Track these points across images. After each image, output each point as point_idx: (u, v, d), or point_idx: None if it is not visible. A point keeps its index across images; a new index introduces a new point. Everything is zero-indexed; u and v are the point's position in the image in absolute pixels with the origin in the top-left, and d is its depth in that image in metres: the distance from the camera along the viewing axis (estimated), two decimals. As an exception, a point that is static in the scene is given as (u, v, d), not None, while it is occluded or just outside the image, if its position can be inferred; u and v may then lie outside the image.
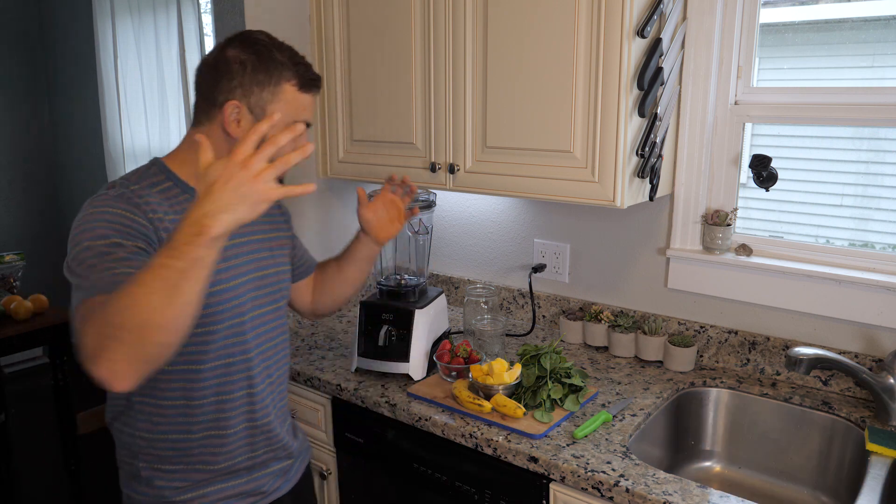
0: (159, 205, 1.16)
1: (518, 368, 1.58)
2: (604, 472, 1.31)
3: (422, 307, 1.75)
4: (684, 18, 1.70)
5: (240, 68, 1.18)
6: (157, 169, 1.22)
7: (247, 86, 1.18)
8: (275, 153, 0.95)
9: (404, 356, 1.72)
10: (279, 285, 1.37)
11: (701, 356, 1.84)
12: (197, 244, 0.92)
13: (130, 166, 3.55)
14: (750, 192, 1.78)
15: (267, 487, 1.35)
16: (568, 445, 1.41)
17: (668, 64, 1.62)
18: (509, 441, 1.44)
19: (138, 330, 0.92)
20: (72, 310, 1.06)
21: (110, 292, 0.95)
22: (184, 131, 3.13)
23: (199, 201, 0.93)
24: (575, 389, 1.58)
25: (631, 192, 1.60)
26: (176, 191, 1.21)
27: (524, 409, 1.50)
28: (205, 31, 2.95)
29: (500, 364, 1.57)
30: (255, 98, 1.18)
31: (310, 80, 1.23)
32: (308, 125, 1.23)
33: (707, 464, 1.71)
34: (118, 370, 0.93)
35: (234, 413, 1.28)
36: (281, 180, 1.02)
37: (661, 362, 1.83)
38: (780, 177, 1.67)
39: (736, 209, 1.76)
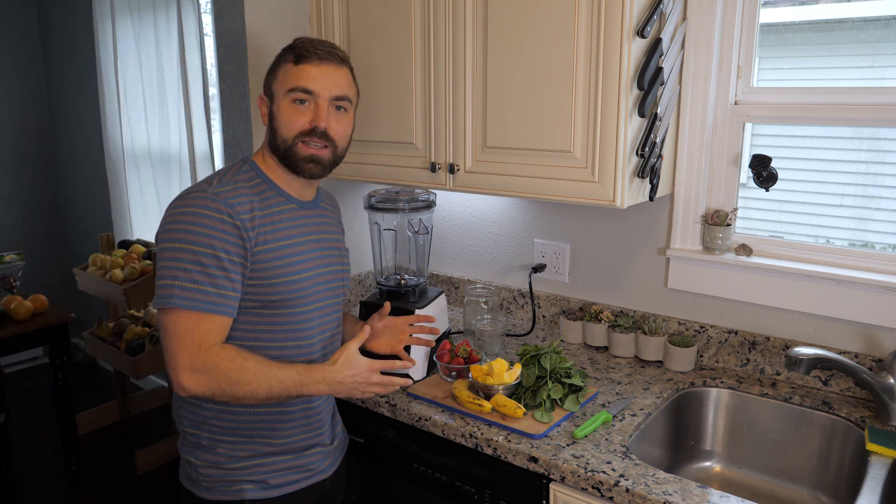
0: (249, 202, 1.29)
1: (518, 368, 1.58)
2: (604, 472, 1.31)
3: (422, 307, 1.75)
4: (684, 18, 1.70)
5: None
6: (248, 167, 1.37)
7: (265, 78, 1.39)
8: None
9: (404, 356, 1.72)
10: (342, 282, 1.49)
11: (701, 356, 1.84)
12: (314, 392, 1.27)
13: (130, 167, 3.55)
14: (750, 192, 1.78)
15: (316, 465, 1.43)
16: (568, 445, 1.41)
17: (668, 64, 1.62)
18: (509, 441, 1.44)
19: (236, 396, 1.23)
20: (160, 300, 1.22)
21: (203, 311, 1.22)
22: (183, 131, 3.13)
23: (339, 371, 1.28)
24: (575, 389, 1.58)
25: (631, 192, 1.60)
26: (264, 186, 1.35)
27: (524, 409, 1.50)
28: (205, 31, 2.95)
29: (500, 364, 1.57)
30: (267, 83, 1.38)
31: (305, 53, 1.32)
32: (309, 92, 1.31)
33: (707, 464, 1.71)
34: (199, 392, 1.22)
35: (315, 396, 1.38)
36: None
37: (661, 362, 1.83)
38: (780, 177, 1.67)
39: (736, 209, 1.77)
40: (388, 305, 1.59)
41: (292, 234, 1.35)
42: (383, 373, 1.35)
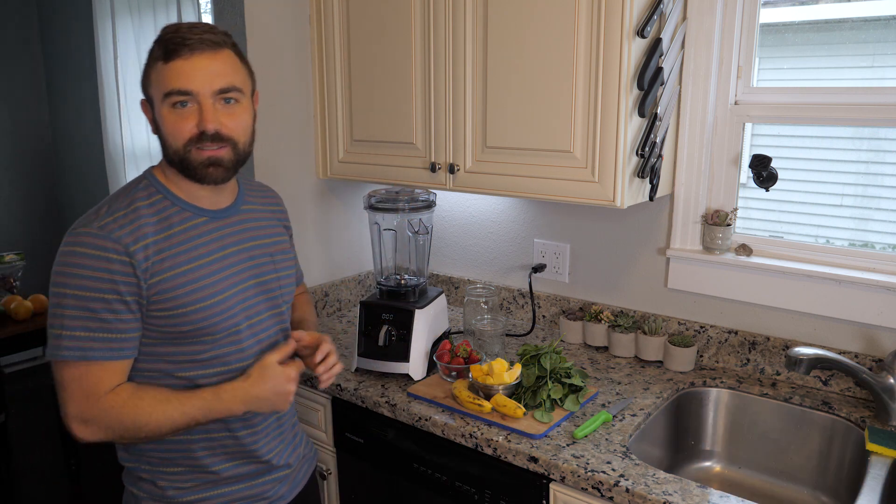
0: (142, 227, 1.17)
1: (518, 368, 1.58)
2: (604, 472, 1.31)
3: (422, 307, 1.75)
4: (684, 18, 1.70)
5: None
6: (147, 182, 1.24)
7: (141, 80, 1.21)
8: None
9: (404, 356, 1.72)
10: (280, 290, 1.36)
11: (701, 356, 1.84)
12: (227, 413, 1.21)
13: (130, 167, 3.55)
14: (750, 192, 1.78)
15: (271, 493, 1.34)
16: (568, 445, 1.41)
17: (668, 64, 1.62)
18: (509, 441, 1.44)
19: (137, 437, 1.19)
20: (51, 351, 1.15)
21: (93, 360, 1.15)
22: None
23: (255, 385, 1.21)
24: (575, 389, 1.58)
25: (631, 192, 1.60)
26: (166, 203, 1.22)
27: (524, 409, 1.50)
28: (205, 31, 2.95)
29: (500, 364, 1.57)
30: (144, 86, 1.20)
31: (173, 47, 1.13)
32: (188, 93, 1.14)
33: (707, 464, 1.71)
34: (95, 440, 1.19)
35: (233, 417, 1.26)
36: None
37: (661, 362, 1.83)
38: (780, 177, 1.67)
39: (736, 209, 1.76)
40: (292, 344, 1.32)
41: (201, 252, 1.22)
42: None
